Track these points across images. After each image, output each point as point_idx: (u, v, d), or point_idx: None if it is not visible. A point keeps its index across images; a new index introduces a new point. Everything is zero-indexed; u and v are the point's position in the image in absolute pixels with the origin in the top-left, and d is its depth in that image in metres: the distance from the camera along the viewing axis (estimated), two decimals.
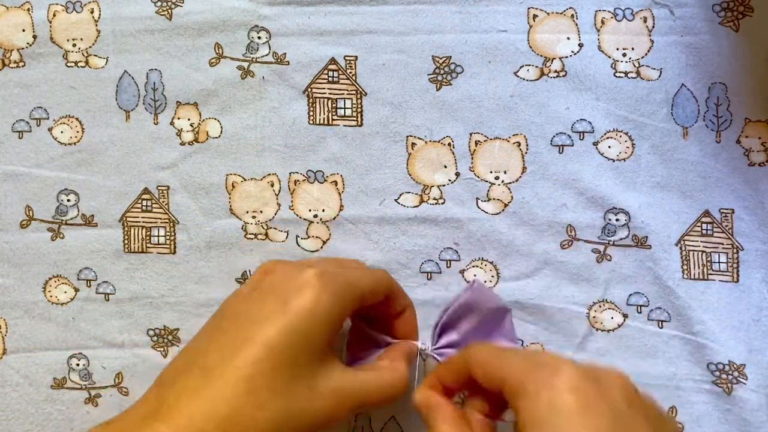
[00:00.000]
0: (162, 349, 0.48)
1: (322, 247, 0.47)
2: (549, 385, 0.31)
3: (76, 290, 0.49)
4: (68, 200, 0.49)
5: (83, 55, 0.48)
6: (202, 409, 0.31)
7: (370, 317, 0.42)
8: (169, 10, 0.48)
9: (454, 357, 0.38)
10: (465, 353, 0.37)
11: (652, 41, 0.46)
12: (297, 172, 0.48)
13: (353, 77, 0.47)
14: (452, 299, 0.42)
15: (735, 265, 0.45)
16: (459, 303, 0.41)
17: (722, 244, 0.45)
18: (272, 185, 0.48)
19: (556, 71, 0.46)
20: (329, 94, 0.47)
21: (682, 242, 0.46)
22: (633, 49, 0.46)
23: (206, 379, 0.32)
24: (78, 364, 0.49)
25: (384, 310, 0.41)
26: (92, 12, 0.48)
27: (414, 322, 0.42)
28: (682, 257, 0.46)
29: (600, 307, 0.46)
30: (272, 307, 0.33)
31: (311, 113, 0.47)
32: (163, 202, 0.48)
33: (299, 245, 0.47)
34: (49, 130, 0.49)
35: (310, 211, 0.47)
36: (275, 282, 0.35)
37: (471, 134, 0.47)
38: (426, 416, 0.36)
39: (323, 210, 0.47)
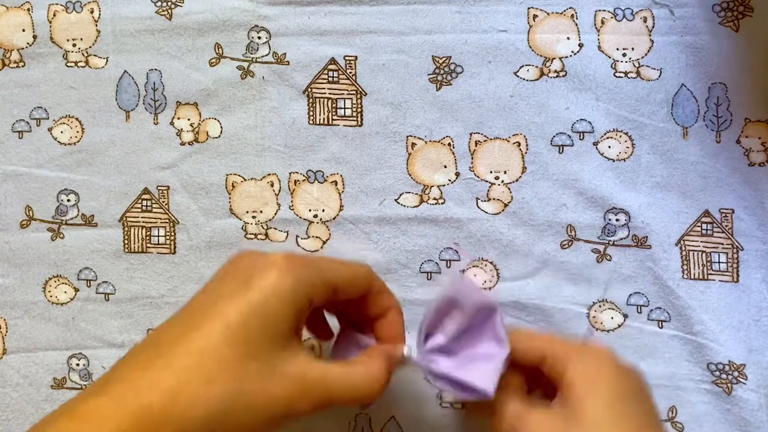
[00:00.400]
0: None
1: (322, 247, 0.47)
2: (593, 357, 0.37)
3: (76, 290, 0.49)
4: (68, 200, 0.49)
5: (83, 55, 0.48)
6: (148, 380, 0.30)
7: (356, 321, 0.40)
8: (169, 10, 0.48)
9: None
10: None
11: (652, 41, 0.46)
12: (297, 172, 0.48)
13: (353, 77, 0.47)
14: (435, 298, 0.39)
15: (735, 265, 0.45)
16: (442, 299, 0.38)
17: (722, 244, 0.45)
18: (272, 185, 0.48)
19: (556, 71, 0.46)
20: (329, 94, 0.47)
21: (682, 242, 0.46)
22: (633, 49, 0.46)
23: (157, 352, 0.31)
24: (78, 364, 0.49)
25: (365, 310, 0.39)
26: (92, 12, 0.48)
27: (399, 325, 0.39)
28: (682, 257, 0.46)
29: (600, 307, 0.46)
30: (234, 285, 0.33)
31: (311, 113, 0.47)
32: (163, 202, 0.48)
33: (299, 245, 0.47)
34: (49, 130, 0.49)
35: (310, 211, 0.48)
36: (242, 264, 0.34)
37: (471, 134, 0.47)
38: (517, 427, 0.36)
39: (323, 210, 0.47)
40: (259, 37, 0.47)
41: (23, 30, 0.49)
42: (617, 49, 0.46)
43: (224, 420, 0.30)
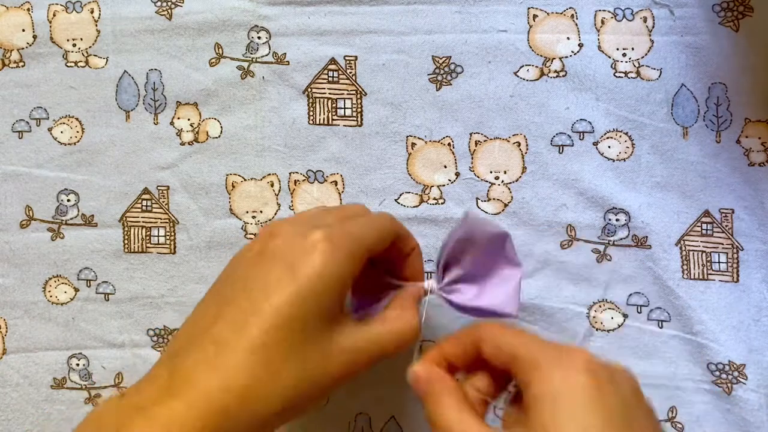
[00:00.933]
0: (162, 349, 0.48)
1: None
2: (564, 364, 0.31)
3: (76, 290, 0.49)
4: (68, 200, 0.49)
5: (83, 55, 0.48)
6: (218, 383, 0.31)
7: (375, 260, 0.40)
8: (169, 10, 0.48)
9: (462, 333, 0.36)
10: (475, 329, 0.36)
11: (652, 41, 0.46)
12: (297, 172, 0.48)
13: (353, 77, 0.47)
14: (449, 235, 0.40)
15: (735, 265, 0.45)
16: (456, 239, 0.39)
17: (722, 244, 0.45)
18: (272, 185, 0.48)
19: (556, 71, 0.46)
20: (329, 94, 0.47)
21: (682, 242, 0.46)
22: (633, 49, 0.46)
23: (219, 351, 0.31)
24: (78, 364, 0.49)
25: (391, 254, 0.39)
26: (92, 12, 0.48)
27: (420, 263, 0.40)
28: (682, 257, 0.46)
29: (600, 307, 0.46)
30: (280, 273, 0.33)
31: (311, 113, 0.47)
32: (163, 202, 0.48)
33: None
34: (49, 130, 0.49)
35: None
36: (281, 247, 0.34)
37: (471, 134, 0.47)
38: (426, 391, 0.35)
39: None
40: (259, 37, 0.47)
41: (23, 30, 0.49)
42: (617, 49, 0.46)
43: (293, 405, 0.32)
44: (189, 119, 0.48)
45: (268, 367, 0.31)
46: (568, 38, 0.46)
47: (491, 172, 0.47)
